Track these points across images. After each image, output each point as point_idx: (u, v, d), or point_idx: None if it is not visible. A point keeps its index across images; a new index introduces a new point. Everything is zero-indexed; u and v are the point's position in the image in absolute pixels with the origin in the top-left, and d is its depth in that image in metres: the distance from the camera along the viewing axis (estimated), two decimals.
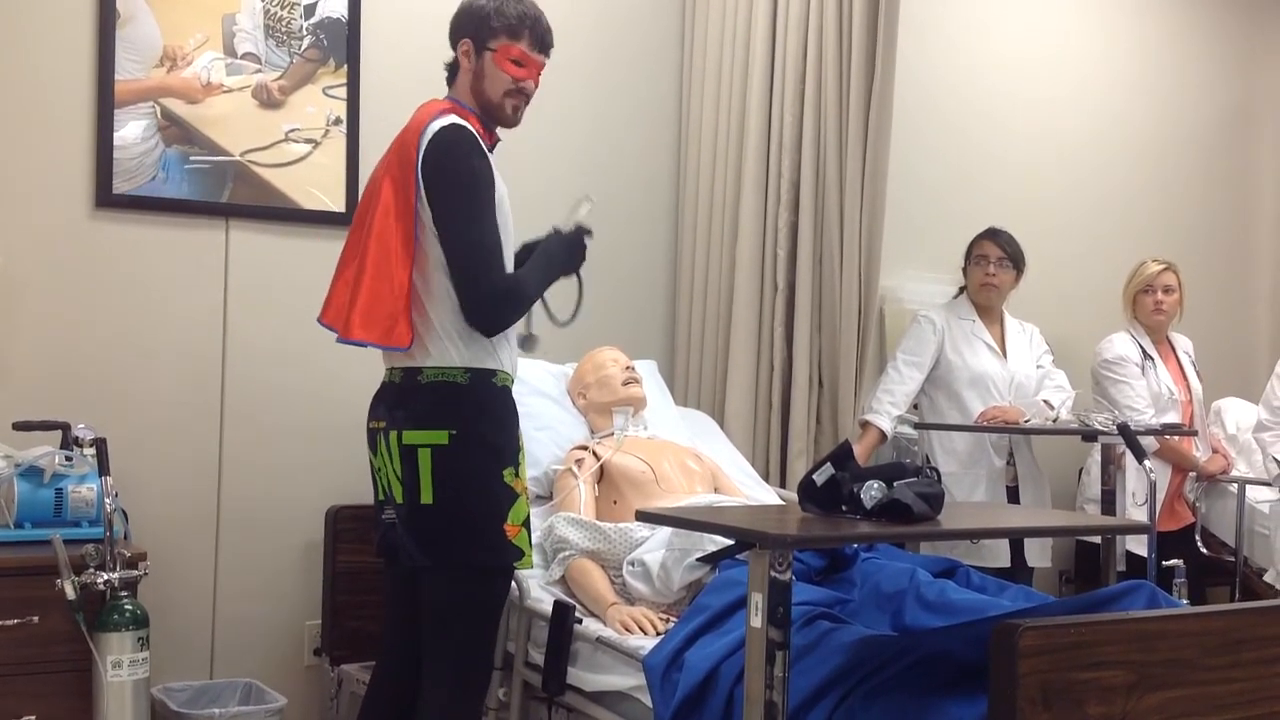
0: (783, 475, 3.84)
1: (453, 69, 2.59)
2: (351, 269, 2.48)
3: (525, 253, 2.64)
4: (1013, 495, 4.07)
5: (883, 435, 3.90)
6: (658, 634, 2.64)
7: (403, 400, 2.44)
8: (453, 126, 2.44)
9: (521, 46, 2.54)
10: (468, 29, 2.55)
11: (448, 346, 2.42)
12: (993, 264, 4.10)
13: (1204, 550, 4.40)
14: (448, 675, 2.42)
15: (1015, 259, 4.13)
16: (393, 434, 2.42)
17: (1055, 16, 5.06)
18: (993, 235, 4.14)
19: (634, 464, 3.16)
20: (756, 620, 1.91)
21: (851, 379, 3.74)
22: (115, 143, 3.32)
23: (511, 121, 2.58)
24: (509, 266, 2.49)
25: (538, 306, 2.59)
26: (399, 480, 2.42)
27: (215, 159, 3.45)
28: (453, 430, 2.38)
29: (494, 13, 2.53)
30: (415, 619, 2.51)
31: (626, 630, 2.70)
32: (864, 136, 3.68)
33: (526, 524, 2.49)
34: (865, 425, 3.88)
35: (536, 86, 2.58)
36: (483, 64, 2.54)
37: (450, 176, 2.40)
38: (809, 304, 3.80)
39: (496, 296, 2.40)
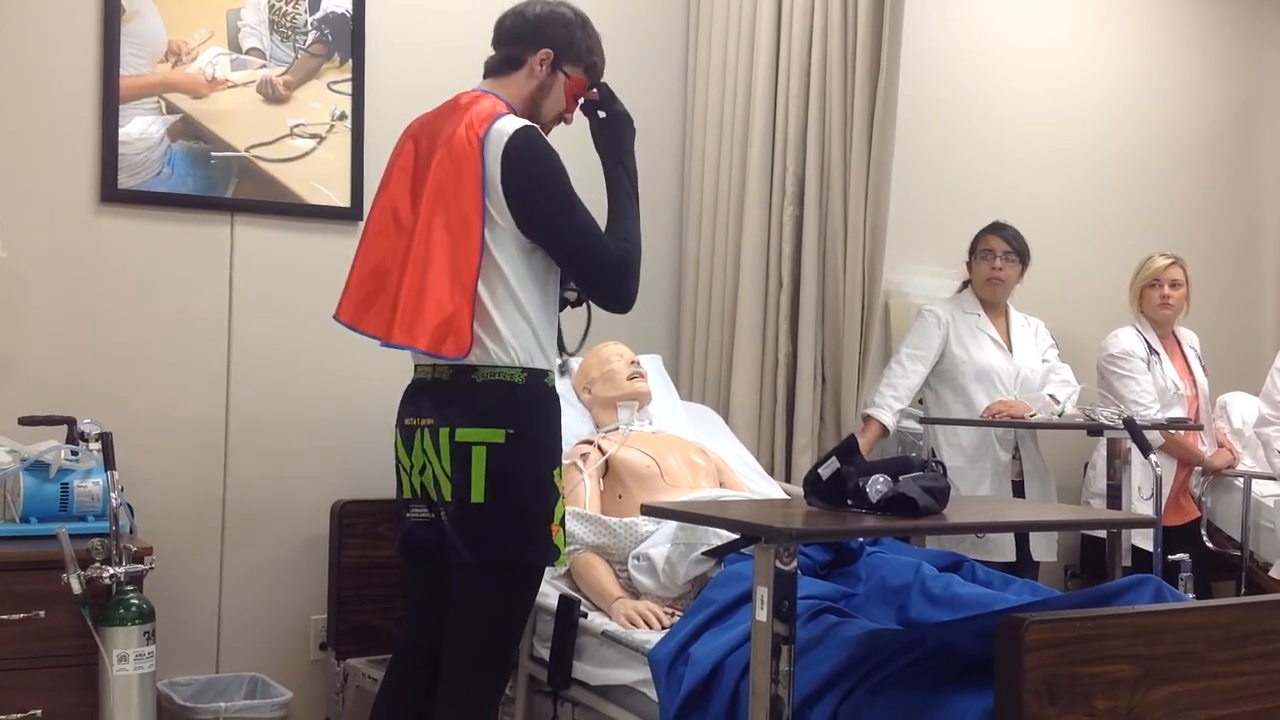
0: (788, 470, 3.84)
1: (509, 64, 2.55)
2: (394, 275, 2.45)
3: None
4: (1018, 490, 4.06)
5: (884, 429, 3.89)
6: (663, 628, 2.65)
7: (454, 398, 2.41)
8: (527, 129, 2.41)
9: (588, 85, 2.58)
10: (555, 42, 2.52)
11: (507, 346, 2.39)
12: (998, 258, 4.09)
13: (1210, 545, 4.40)
14: (469, 669, 2.42)
15: (1020, 253, 4.12)
16: (443, 431, 2.40)
17: (1061, 10, 5.05)
18: (998, 229, 4.13)
19: (639, 458, 3.16)
20: (762, 614, 1.91)
21: (855, 373, 3.74)
22: (120, 138, 3.32)
23: None
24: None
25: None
26: (447, 478, 2.40)
27: (220, 154, 3.45)
28: (510, 430, 2.37)
29: (585, 46, 2.54)
30: (436, 617, 2.51)
31: (632, 624, 2.71)
32: (869, 130, 3.67)
33: (563, 522, 2.49)
34: (867, 419, 3.87)
35: None
36: (554, 82, 2.53)
37: (543, 182, 2.39)
38: (814, 299, 3.80)
39: (621, 270, 2.43)
